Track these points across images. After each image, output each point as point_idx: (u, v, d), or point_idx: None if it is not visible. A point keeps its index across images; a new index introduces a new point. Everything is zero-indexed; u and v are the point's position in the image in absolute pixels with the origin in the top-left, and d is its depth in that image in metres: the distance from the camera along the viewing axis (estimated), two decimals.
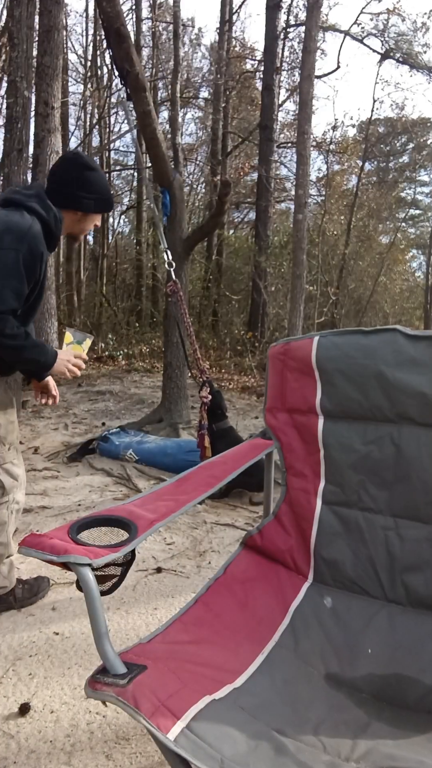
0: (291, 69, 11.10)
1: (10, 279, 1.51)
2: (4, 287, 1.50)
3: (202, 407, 2.85)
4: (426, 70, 10.48)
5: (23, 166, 4.74)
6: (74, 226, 1.76)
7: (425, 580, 1.15)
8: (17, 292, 1.53)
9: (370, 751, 0.83)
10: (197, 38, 14.22)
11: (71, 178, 1.69)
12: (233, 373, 7.75)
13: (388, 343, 1.25)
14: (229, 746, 0.75)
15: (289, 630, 1.15)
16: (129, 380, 7.02)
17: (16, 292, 1.53)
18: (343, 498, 1.29)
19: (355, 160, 12.05)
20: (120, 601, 1.90)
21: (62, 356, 1.68)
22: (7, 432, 1.71)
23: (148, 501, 1.02)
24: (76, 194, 1.69)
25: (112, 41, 3.17)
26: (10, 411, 1.73)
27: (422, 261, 15.42)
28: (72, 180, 1.69)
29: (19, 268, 1.52)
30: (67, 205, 1.69)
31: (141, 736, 1.29)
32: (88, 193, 1.71)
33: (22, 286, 1.54)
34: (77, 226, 1.77)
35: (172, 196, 3.91)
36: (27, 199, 1.62)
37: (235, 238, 13.27)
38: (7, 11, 6.21)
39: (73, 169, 1.71)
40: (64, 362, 1.68)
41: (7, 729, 1.30)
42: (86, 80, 12.15)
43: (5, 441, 1.71)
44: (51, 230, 1.64)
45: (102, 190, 1.75)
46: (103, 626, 0.80)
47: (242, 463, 1.26)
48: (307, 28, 5.00)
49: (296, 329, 4.91)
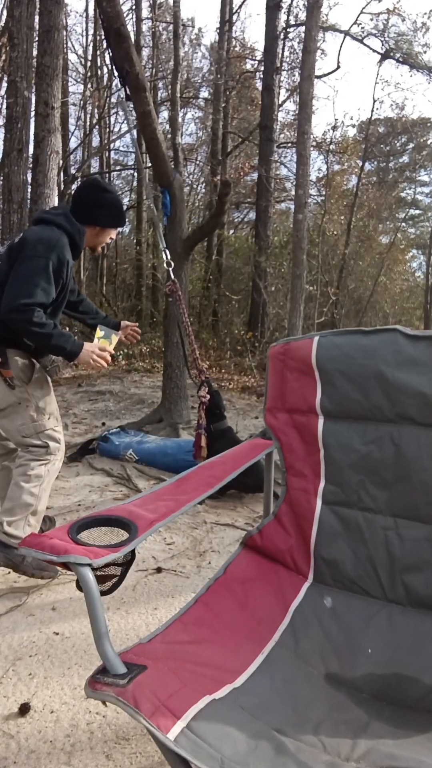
0: (291, 69, 11.10)
1: (40, 279, 1.84)
2: (35, 285, 1.83)
3: (200, 407, 2.85)
4: (426, 70, 10.48)
5: (23, 166, 4.74)
6: (93, 239, 2.12)
7: (425, 580, 1.15)
8: (45, 290, 1.85)
9: (370, 751, 0.83)
10: (197, 38, 14.22)
11: (91, 199, 2.06)
12: (233, 373, 7.75)
13: (388, 343, 1.25)
14: (229, 746, 0.75)
15: (289, 630, 1.15)
16: (129, 380, 7.03)
17: (44, 290, 1.85)
18: (343, 498, 1.29)
19: (355, 160, 12.05)
20: (120, 601, 1.90)
21: (88, 347, 1.95)
22: (45, 404, 2.04)
23: (148, 501, 1.02)
24: (94, 212, 2.06)
25: (112, 41, 3.16)
26: (46, 387, 2.07)
27: (422, 261, 15.42)
28: (91, 201, 2.06)
29: (49, 272, 1.85)
30: (87, 221, 2.05)
31: (141, 736, 1.29)
32: (104, 210, 2.07)
33: (50, 286, 1.87)
34: (96, 239, 2.13)
35: (172, 196, 3.91)
36: (55, 217, 1.99)
37: (235, 238, 13.26)
38: (7, 11, 6.21)
39: (92, 192, 2.08)
40: (90, 353, 1.94)
41: (7, 729, 1.30)
42: (86, 80, 12.14)
43: (45, 411, 2.04)
44: (75, 242, 1.99)
45: (116, 208, 2.11)
46: (103, 626, 0.80)
47: (242, 463, 1.26)
48: (307, 28, 5.00)
49: (296, 329, 4.91)
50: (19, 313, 1.80)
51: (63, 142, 10.03)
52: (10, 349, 1.95)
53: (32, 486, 1.97)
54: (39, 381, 2.03)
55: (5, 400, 1.99)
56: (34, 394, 2.01)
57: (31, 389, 2.00)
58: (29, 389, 2.00)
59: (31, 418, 2.01)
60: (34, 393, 2.01)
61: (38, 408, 2.02)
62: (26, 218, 4.80)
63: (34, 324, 1.81)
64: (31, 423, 2.01)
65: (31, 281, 1.83)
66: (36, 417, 2.01)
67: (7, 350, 1.94)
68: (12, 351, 1.95)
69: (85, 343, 1.95)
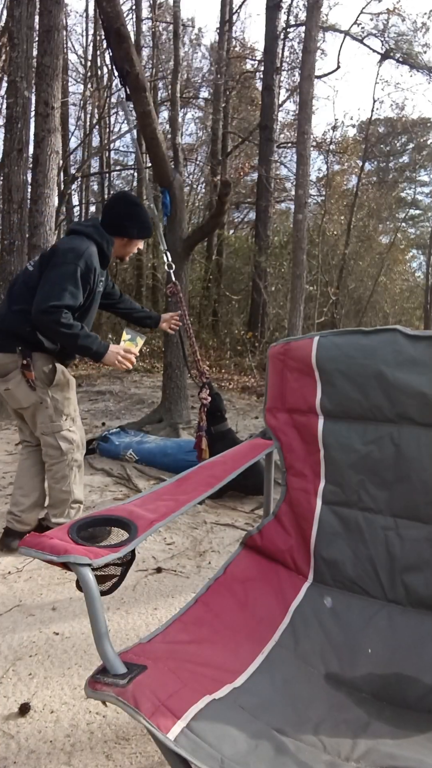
0: (291, 69, 11.09)
1: (68, 284, 1.97)
2: (64, 289, 1.96)
3: (201, 409, 2.84)
4: (426, 70, 10.47)
5: (23, 166, 4.73)
6: (121, 249, 2.27)
7: (425, 580, 1.15)
8: (73, 294, 1.98)
9: (371, 751, 0.83)
10: (197, 38, 14.21)
11: (120, 212, 2.21)
12: (233, 373, 7.75)
13: (388, 343, 1.25)
14: (230, 746, 0.75)
15: (289, 630, 1.15)
16: (129, 380, 7.03)
17: (72, 294, 1.98)
18: (343, 498, 1.29)
19: (355, 160, 12.04)
20: (120, 601, 1.90)
21: (114, 349, 2.09)
22: (64, 406, 2.18)
23: (148, 501, 1.02)
24: (123, 224, 2.20)
25: (112, 41, 3.16)
26: (67, 390, 2.20)
27: (422, 261, 15.42)
28: (121, 214, 2.21)
29: (77, 277, 1.99)
30: (116, 232, 2.19)
31: (141, 736, 1.29)
32: (133, 223, 2.21)
33: (77, 291, 2.00)
34: (123, 249, 2.27)
35: (172, 197, 3.91)
36: (86, 228, 2.15)
37: (235, 238, 13.26)
38: (7, 11, 6.21)
39: (121, 205, 2.25)
40: (115, 354, 2.08)
41: (7, 729, 1.30)
42: (86, 80, 12.13)
43: (63, 413, 2.18)
44: (104, 251, 2.14)
45: (143, 221, 2.24)
46: (103, 626, 0.80)
47: (242, 463, 1.26)
48: (307, 28, 5.00)
49: (296, 329, 4.91)
50: (48, 315, 1.93)
51: (63, 142, 10.02)
52: (35, 353, 2.09)
53: (62, 485, 2.22)
54: (60, 384, 2.16)
55: (28, 400, 2.14)
56: (54, 396, 2.15)
57: (51, 391, 2.14)
58: (50, 391, 2.14)
59: (50, 418, 2.15)
60: (54, 395, 2.15)
61: (56, 410, 2.16)
62: (26, 218, 4.79)
63: (61, 325, 1.94)
64: (50, 423, 2.16)
65: (59, 285, 1.96)
66: (54, 417, 2.16)
67: (33, 354, 2.08)
68: (37, 354, 2.09)
69: (112, 345, 2.09)
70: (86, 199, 13.85)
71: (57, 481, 2.22)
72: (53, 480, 2.23)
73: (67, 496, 2.22)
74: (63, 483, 2.21)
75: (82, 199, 13.68)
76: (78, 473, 2.26)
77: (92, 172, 12.78)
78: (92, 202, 14.40)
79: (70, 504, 2.24)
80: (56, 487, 2.22)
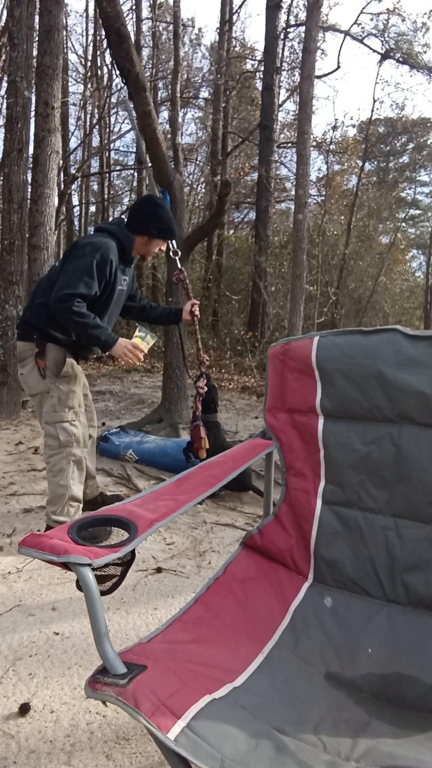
0: (291, 69, 11.09)
1: (83, 274, 2.05)
2: (78, 279, 2.04)
3: (197, 398, 2.78)
4: (426, 70, 10.47)
5: (23, 166, 4.73)
6: (142, 248, 2.32)
7: (425, 580, 1.15)
8: (88, 284, 2.05)
9: (371, 750, 0.83)
10: (197, 38, 14.23)
11: (144, 212, 2.29)
12: (233, 373, 7.75)
13: (388, 343, 1.25)
14: (230, 745, 0.75)
15: (289, 629, 1.15)
16: (129, 380, 7.03)
17: (86, 284, 2.05)
18: (343, 498, 1.29)
19: (355, 160, 12.04)
20: (120, 601, 1.90)
21: (123, 342, 2.13)
22: (67, 398, 2.23)
23: (148, 501, 1.02)
24: (145, 223, 2.27)
25: (112, 41, 3.16)
26: (74, 383, 2.26)
27: (422, 261, 15.43)
28: (144, 213, 2.28)
29: (92, 268, 2.07)
30: (137, 231, 2.27)
31: (141, 736, 1.29)
32: (154, 223, 2.27)
33: (92, 281, 2.07)
34: (144, 247, 2.33)
35: (172, 196, 3.91)
36: (109, 226, 2.28)
37: (235, 238, 13.25)
38: (7, 11, 6.20)
39: (145, 206, 2.33)
40: (123, 347, 2.13)
41: (7, 729, 1.30)
42: (86, 80, 12.13)
43: (66, 405, 2.23)
44: (123, 246, 2.22)
45: (165, 222, 2.29)
46: (103, 626, 0.80)
47: (242, 463, 1.26)
48: (307, 28, 5.00)
49: (296, 329, 4.91)
50: (62, 302, 2.01)
51: (63, 142, 10.02)
52: (49, 344, 2.19)
53: (59, 479, 2.23)
54: (67, 376, 2.23)
55: (37, 387, 2.24)
56: (59, 387, 2.22)
57: (58, 382, 2.21)
58: (57, 382, 2.21)
59: (53, 407, 2.22)
60: (60, 386, 2.22)
61: (60, 400, 2.22)
62: (26, 218, 4.79)
63: (74, 312, 2.01)
64: (52, 412, 2.22)
65: (75, 275, 2.05)
66: (57, 408, 2.22)
67: (47, 344, 2.18)
68: (51, 345, 2.19)
69: (121, 338, 2.14)
70: (86, 199, 13.85)
71: (54, 474, 2.23)
72: (51, 473, 2.25)
73: (64, 491, 2.23)
74: (60, 476, 2.23)
75: (82, 199, 13.68)
76: (77, 471, 2.27)
77: (92, 172, 12.78)
78: (92, 202, 14.41)
79: (69, 501, 2.24)
80: (53, 480, 2.24)
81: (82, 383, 2.34)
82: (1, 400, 4.61)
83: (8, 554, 2.22)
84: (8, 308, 4.70)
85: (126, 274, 2.34)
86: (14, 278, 4.72)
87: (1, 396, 4.63)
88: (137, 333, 2.26)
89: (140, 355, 2.17)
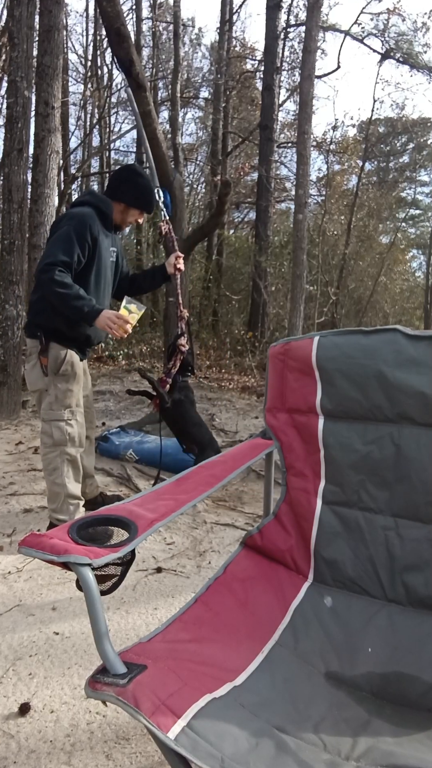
0: (291, 69, 11.08)
1: (61, 242, 2.02)
2: (58, 248, 2.01)
3: (176, 355, 2.48)
4: (426, 70, 10.47)
5: (23, 166, 4.72)
6: (119, 215, 2.27)
7: (425, 580, 1.15)
8: (67, 251, 2.01)
9: (371, 749, 0.83)
10: (197, 38, 14.18)
11: (122, 178, 2.26)
12: (233, 373, 7.74)
13: (389, 343, 1.25)
14: (230, 744, 0.75)
15: (289, 629, 1.15)
16: (129, 380, 7.02)
17: (65, 251, 2.01)
18: (343, 498, 1.29)
19: (355, 160, 12.02)
20: (120, 601, 1.90)
21: (106, 314, 2.02)
22: (65, 397, 2.21)
23: (148, 500, 1.03)
24: (121, 189, 2.23)
25: (113, 41, 3.16)
26: (72, 382, 2.22)
27: (422, 261, 15.42)
28: (122, 179, 2.25)
29: (70, 235, 2.03)
30: (113, 196, 2.24)
31: (141, 736, 1.29)
32: (130, 191, 2.23)
33: (72, 247, 2.03)
34: (120, 215, 2.28)
35: (172, 196, 3.91)
36: (82, 197, 2.27)
37: (235, 238, 13.24)
38: (7, 11, 6.20)
39: (125, 173, 2.29)
40: (106, 319, 2.01)
41: (7, 729, 1.30)
42: (86, 80, 12.12)
43: (63, 403, 2.21)
44: (102, 210, 2.17)
45: (141, 192, 2.25)
46: (103, 626, 0.80)
47: (242, 462, 1.27)
48: (308, 28, 5.00)
49: (296, 329, 4.91)
50: (44, 273, 1.98)
51: (63, 142, 10.01)
52: (52, 342, 2.16)
53: (54, 477, 2.22)
54: (66, 375, 2.20)
55: (37, 384, 2.23)
56: (57, 385, 2.20)
57: (56, 380, 2.19)
58: (55, 380, 2.19)
59: (50, 405, 2.21)
60: (58, 384, 2.20)
61: (57, 398, 2.20)
62: (26, 218, 4.79)
63: (56, 283, 1.96)
64: (49, 410, 2.21)
65: (54, 246, 2.03)
66: (54, 406, 2.20)
67: (50, 342, 2.16)
68: (53, 343, 2.16)
69: (105, 310, 2.05)
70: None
71: (50, 472, 2.23)
72: (46, 471, 2.25)
73: (60, 489, 2.22)
74: (55, 475, 2.22)
75: None
76: (72, 469, 2.26)
77: (92, 172, 12.77)
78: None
79: (66, 499, 2.24)
80: (49, 479, 2.23)
81: (81, 383, 2.32)
82: (1, 400, 4.61)
83: (8, 554, 2.22)
84: (8, 308, 4.69)
85: (114, 244, 2.28)
86: (14, 278, 4.72)
87: (1, 396, 4.63)
88: (124, 304, 2.14)
89: (127, 327, 2.04)
